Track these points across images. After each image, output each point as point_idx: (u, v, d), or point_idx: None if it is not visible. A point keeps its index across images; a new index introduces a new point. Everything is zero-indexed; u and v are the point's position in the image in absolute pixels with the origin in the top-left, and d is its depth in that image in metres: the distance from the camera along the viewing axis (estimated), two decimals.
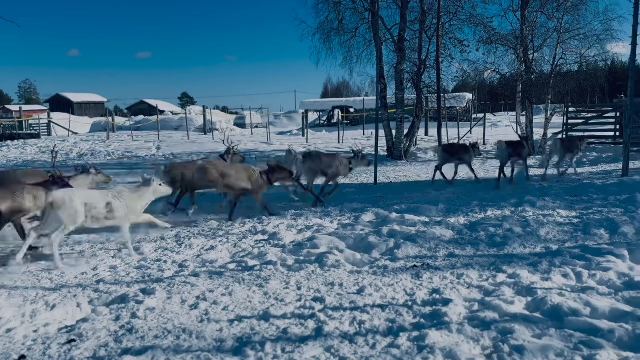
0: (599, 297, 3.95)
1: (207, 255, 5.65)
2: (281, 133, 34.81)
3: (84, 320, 3.92)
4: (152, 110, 50.13)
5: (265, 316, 3.85)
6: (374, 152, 12.24)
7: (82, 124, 37.72)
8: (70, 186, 6.33)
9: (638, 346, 3.15)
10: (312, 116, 48.86)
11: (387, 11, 17.70)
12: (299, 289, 4.48)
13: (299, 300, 4.21)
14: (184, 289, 4.49)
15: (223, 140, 12.29)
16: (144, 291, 4.45)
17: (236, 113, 49.06)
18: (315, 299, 4.20)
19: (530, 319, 3.58)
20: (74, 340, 3.55)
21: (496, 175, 10.64)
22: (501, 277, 4.58)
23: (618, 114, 17.12)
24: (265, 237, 6.39)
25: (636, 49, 10.92)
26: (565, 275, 4.52)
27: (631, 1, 10.73)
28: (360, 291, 4.34)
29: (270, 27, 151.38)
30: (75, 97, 68.42)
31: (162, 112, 40.84)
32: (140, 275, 5.08)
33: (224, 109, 56.09)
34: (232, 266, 5.21)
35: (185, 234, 6.75)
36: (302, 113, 31.75)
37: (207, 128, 30.30)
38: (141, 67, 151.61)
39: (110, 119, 31.16)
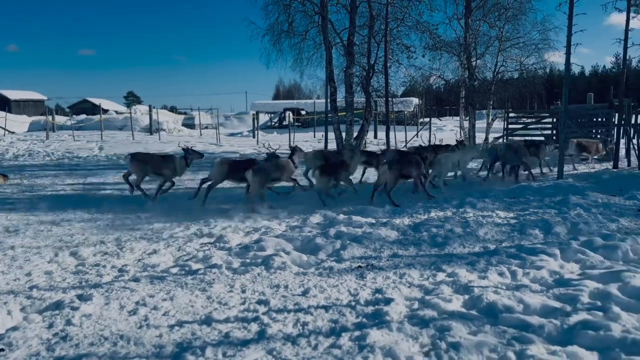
0: (531, 294, 4.15)
1: (149, 259, 5.49)
2: (231, 134, 34.39)
3: (14, 328, 3.72)
4: (95, 109, 48.18)
5: (208, 320, 3.79)
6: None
7: (20, 122, 35.71)
8: None
9: (565, 340, 3.32)
10: (264, 118, 48.62)
11: (336, 15, 17.90)
12: (244, 292, 4.44)
13: (243, 303, 4.17)
14: (122, 295, 4.35)
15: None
16: (80, 297, 4.28)
17: (185, 113, 48.06)
18: (259, 302, 4.17)
19: (466, 316, 3.71)
20: (2, 350, 3.36)
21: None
22: (441, 276, 4.72)
23: (554, 120, 18.07)
24: (211, 240, 6.30)
25: (570, 58, 11.58)
26: (501, 274, 4.71)
27: (565, 13, 11.39)
28: (305, 293, 4.35)
29: (220, 26, 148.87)
30: (12, 94, 64.69)
31: (105, 111, 39.36)
32: (77, 280, 4.87)
33: (172, 109, 54.70)
34: (175, 270, 5.09)
35: (126, 237, 6.53)
36: (253, 114, 31.50)
37: (153, 128, 29.49)
38: (85, 65, 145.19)
39: (50, 117, 29.72)
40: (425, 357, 3.18)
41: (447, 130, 33.56)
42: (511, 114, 19.23)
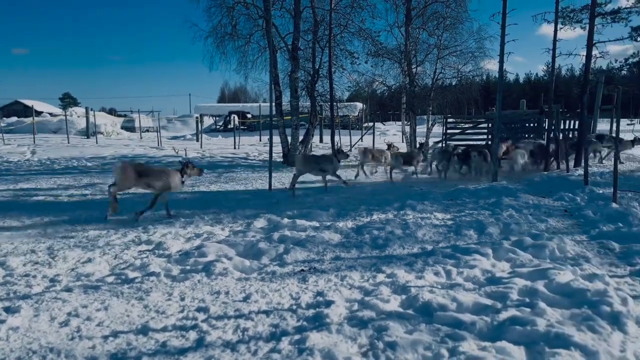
0: (464, 293, 4.33)
1: (83, 268, 5.26)
2: (174, 137, 33.62)
3: None
4: (27, 111, 45.59)
5: (144, 330, 3.68)
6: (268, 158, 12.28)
7: None
8: None
9: (495, 336, 3.49)
10: (208, 121, 47.83)
11: (281, 19, 17.92)
12: (183, 299, 4.35)
13: (182, 311, 4.09)
14: (53, 305, 4.15)
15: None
16: (7, 309, 4.05)
17: (125, 115, 46.39)
18: (199, 309, 4.10)
19: (403, 316, 3.82)
20: None
21: (383, 179, 11.36)
22: (380, 277, 4.83)
23: (490, 125, 18.94)
24: (150, 247, 6.12)
25: (503, 66, 12.20)
26: (436, 274, 4.88)
27: (499, 23, 11.98)
28: (246, 298, 4.33)
29: (161, 27, 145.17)
30: None
31: (39, 113, 37.37)
32: (5, 292, 4.59)
33: (111, 111, 52.72)
34: (110, 279, 4.90)
35: (59, 245, 6.23)
36: (197, 117, 30.91)
37: (90, 131, 28.30)
38: (17, 64, 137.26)
39: None
40: (363, 358, 3.25)
41: (390, 134, 34.35)
42: (450, 119, 19.99)
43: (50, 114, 42.99)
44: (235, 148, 23.78)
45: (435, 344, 3.36)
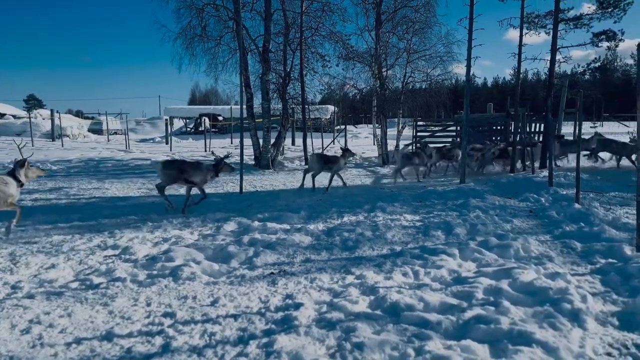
0: (431, 293, 4.39)
1: (46, 274, 5.12)
2: (143, 140, 33.05)
3: None
4: None
5: (109, 336, 3.61)
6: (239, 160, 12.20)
7: None
8: None
9: (460, 335, 3.55)
10: (179, 123, 47.22)
11: (251, 22, 17.93)
12: (149, 305, 4.28)
13: (148, 317, 4.02)
14: (14, 313, 4.03)
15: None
16: None
17: (92, 118, 45.36)
18: (165, 315, 4.04)
19: (371, 317, 3.85)
20: None
21: (354, 182, 11.41)
22: (350, 279, 4.86)
23: (458, 128, 19.30)
24: (116, 252, 5.99)
25: (470, 70, 12.46)
26: (404, 274, 4.94)
27: (466, 28, 12.24)
28: (214, 302, 4.29)
29: (130, 28, 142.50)
30: None
31: (2, 115, 36.17)
32: None
33: (78, 113, 51.44)
34: (74, 285, 4.78)
35: (22, 251, 6.04)
36: (166, 119, 30.45)
37: (55, 134, 27.55)
38: None
39: None
40: (331, 359, 3.26)
41: (362, 137, 34.59)
42: (420, 122, 20.28)
43: (14, 116, 41.59)
44: (206, 151, 23.53)
45: (402, 343, 3.39)
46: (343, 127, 27.75)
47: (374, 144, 21.21)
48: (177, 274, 5.03)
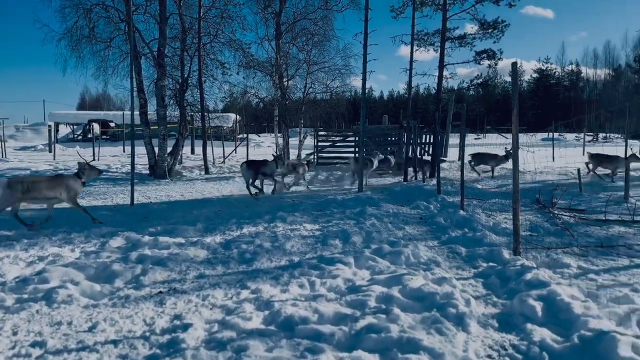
0: (326, 303, 4.36)
1: None
2: (24, 148, 30.13)
3: None
4: None
5: None
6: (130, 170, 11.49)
7: None
8: None
9: (352, 345, 3.53)
10: (65, 129, 43.82)
11: (145, 24, 17.07)
12: (15, 334, 3.79)
13: (13, 347, 3.54)
14: None
15: None
16: None
17: None
18: (34, 344, 3.59)
19: (265, 333, 3.72)
20: None
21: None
22: (245, 294, 4.69)
23: (357, 138, 19.94)
24: None
25: (366, 83, 12.91)
26: (301, 286, 4.88)
27: (361, 42, 12.67)
28: (92, 328, 3.90)
29: (10, 27, 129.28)
30: None
31: None
32: None
33: None
34: None
35: None
36: (50, 126, 27.97)
37: None
38: None
39: None
40: None
41: (265, 146, 34.48)
42: (320, 132, 20.65)
43: None
44: (95, 159, 21.95)
45: (295, 359, 3.31)
46: (245, 135, 27.44)
47: (276, 153, 21.17)
48: (52, 297, 4.53)
